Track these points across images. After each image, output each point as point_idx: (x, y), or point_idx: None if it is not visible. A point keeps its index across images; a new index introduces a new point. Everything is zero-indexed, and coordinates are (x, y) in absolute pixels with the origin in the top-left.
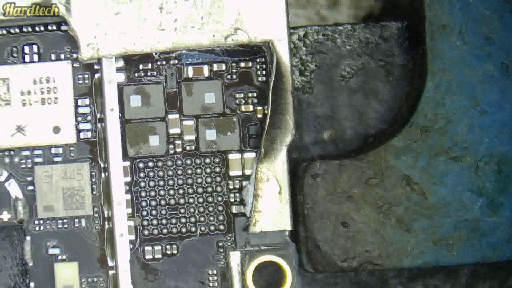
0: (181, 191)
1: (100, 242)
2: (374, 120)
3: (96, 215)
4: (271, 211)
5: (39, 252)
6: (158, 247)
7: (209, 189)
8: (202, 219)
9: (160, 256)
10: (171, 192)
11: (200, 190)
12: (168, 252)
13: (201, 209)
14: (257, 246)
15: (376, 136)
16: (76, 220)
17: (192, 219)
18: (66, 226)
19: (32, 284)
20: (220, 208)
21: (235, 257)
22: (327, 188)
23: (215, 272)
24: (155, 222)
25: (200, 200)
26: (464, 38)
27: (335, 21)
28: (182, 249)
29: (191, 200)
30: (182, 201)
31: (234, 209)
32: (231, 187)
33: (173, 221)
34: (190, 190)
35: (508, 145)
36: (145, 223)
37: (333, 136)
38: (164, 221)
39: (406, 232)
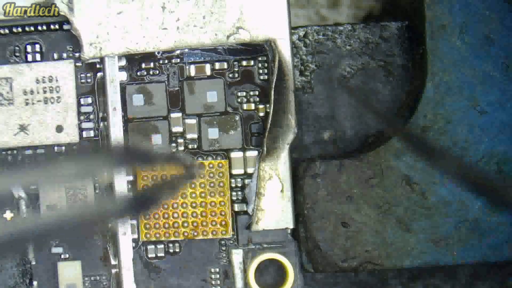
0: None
1: (103, 241)
2: (374, 120)
3: None
4: (274, 209)
5: (42, 251)
6: (160, 246)
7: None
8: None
9: (162, 254)
10: None
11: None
12: (171, 250)
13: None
14: (259, 244)
15: (376, 136)
16: None
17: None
18: None
19: (35, 283)
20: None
21: (237, 255)
22: (327, 188)
23: (217, 270)
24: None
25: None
26: (464, 38)
27: (335, 21)
28: (185, 247)
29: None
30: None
31: (237, 207)
32: (233, 185)
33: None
34: None
35: (508, 145)
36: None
37: (333, 136)
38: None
39: (406, 232)
